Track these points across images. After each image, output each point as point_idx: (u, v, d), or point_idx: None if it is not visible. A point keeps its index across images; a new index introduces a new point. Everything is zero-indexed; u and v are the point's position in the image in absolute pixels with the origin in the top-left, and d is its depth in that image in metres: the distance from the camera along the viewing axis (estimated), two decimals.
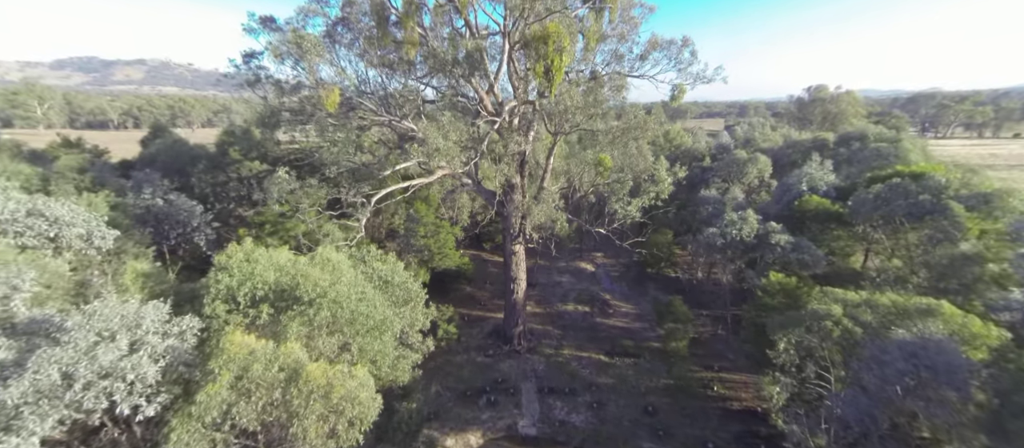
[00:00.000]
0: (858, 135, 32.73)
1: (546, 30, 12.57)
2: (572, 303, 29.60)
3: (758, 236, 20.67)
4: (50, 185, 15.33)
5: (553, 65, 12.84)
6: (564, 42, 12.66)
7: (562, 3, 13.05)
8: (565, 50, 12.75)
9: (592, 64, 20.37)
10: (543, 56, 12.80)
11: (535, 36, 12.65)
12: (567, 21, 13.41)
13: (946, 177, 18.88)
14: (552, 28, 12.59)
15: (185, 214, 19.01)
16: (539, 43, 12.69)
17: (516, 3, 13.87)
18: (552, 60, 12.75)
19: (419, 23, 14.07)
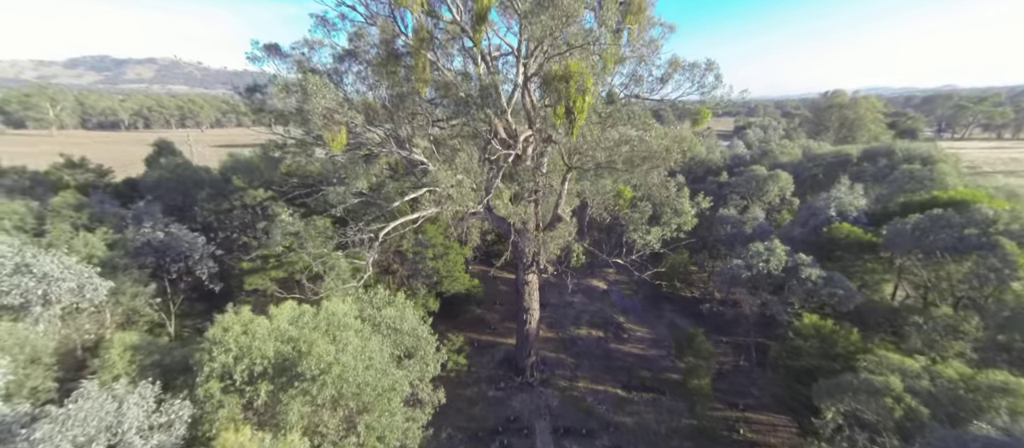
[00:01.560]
0: (884, 150, 31.25)
1: (568, 69, 11.54)
2: (585, 327, 28.56)
3: (786, 269, 19.47)
4: (45, 224, 14.63)
5: (575, 106, 11.82)
6: (587, 81, 11.63)
7: (585, 37, 11.99)
8: (588, 90, 11.70)
9: (609, 86, 19.33)
10: (564, 95, 11.77)
11: (555, 75, 11.62)
12: (589, 57, 12.38)
13: (994, 209, 17.52)
14: (574, 67, 11.55)
15: (186, 246, 18.28)
16: (559, 82, 11.67)
17: (535, 32, 12.82)
18: (574, 100, 11.72)
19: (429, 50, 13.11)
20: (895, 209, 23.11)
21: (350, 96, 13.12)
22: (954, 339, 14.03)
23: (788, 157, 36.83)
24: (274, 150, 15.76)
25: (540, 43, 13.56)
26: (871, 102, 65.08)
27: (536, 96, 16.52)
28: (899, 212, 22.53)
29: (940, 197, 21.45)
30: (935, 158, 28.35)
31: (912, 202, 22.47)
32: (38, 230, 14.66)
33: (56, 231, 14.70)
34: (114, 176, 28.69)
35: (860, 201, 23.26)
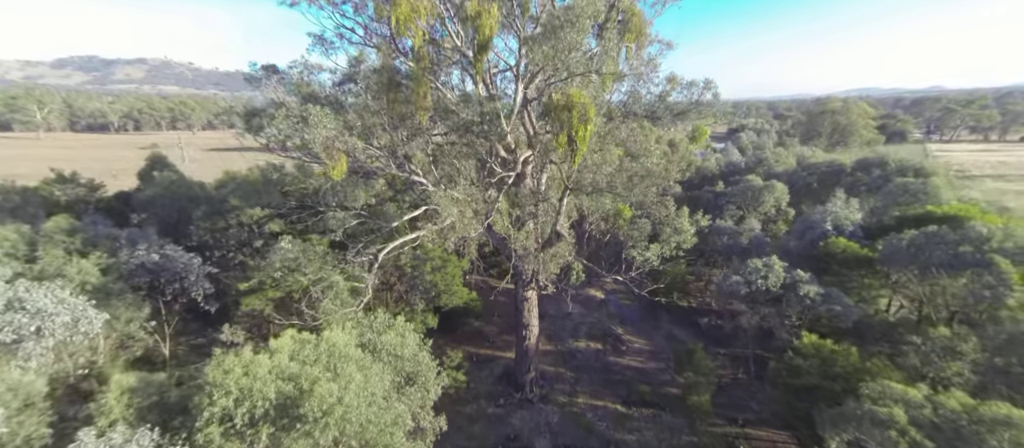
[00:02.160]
0: (877, 161, 31.60)
1: (570, 99, 11.50)
2: (583, 339, 28.55)
3: (784, 285, 19.59)
4: (38, 250, 14.31)
5: (577, 135, 11.78)
6: (589, 111, 11.59)
7: (586, 65, 11.96)
8: (590, 119, 11.67)
9: (607, 104, 19.35)
10: (566, 125, 11.73)
11: (557, 104, 11.57)
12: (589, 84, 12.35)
13: (987, 227, 17.75)
14: (576, 97, 11.52)
15: (181, 267, 17.99)
16: (562, 111, 11.62)
17: (536, 58, 12.77)
18: (576, 130, 11.68)
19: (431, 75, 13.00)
20: (890, 223, 23.38)
21: (350, 122, 12.99)
22: (952, 360, 14.17)
23: (783, 166, 37.11)
24: (273, 173, 15.55)
25: (541, 68, 13.52)
26: (862, 108, 65.93)
27: (535, 116, 16.47)
28: (894, 226, 22.79)
29: (934, 212, 21.72)
30: (928, 170, 28.71)
31: (907, 216, 22.75)
32: (30, 256, 14.34)
33: (48, 257, 14.38)
34: (106, 190, 28.21)
35: (856, 215, 23.48)
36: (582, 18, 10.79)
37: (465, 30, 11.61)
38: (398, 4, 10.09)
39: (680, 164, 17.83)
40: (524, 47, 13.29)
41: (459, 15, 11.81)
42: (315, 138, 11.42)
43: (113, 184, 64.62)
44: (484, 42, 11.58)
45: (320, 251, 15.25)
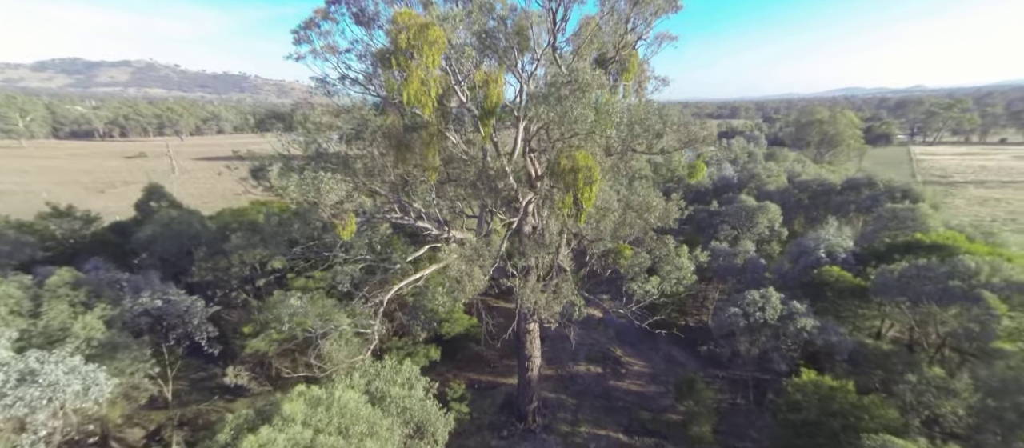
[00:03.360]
0: (866, 181, 32.46)
1: (576, 163, 11.79)
2: (583, 363, 28.90)
3: (781, 318, 20.10)
4: (42, 305, 14.22)
5: (582, 196, 12.07)
6: (594, 173, 11.89)
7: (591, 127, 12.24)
8: (595, 181, 11.97)
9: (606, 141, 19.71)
10: (571, 186, 12.02)
11: (564, 168, 11.85)
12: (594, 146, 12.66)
13: (975, 261, 18.41)
14: (582, 160, 11.81)
15: (184, 310, 17.93)
16: (568, 174, 11.90)
17: (540, 112, 13.05)
18: (582, 192, 11.97)
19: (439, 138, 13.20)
20: (881, 248, 24.09)
21: (359, 183, 13.13)
22: (946, 399, 14.71)
23: (775, 184, 37.87)
24: (276, 222, 15.62)
25: (545, 125, 13.79)
26: (849, 117, 67.42)
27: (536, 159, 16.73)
28: (884, 253, 23.50)
29: (923, 241, 22.43)
30: (915, 192, 29.57)
31: (896, 244, 23.45)
32: (34, 311, 14.24)
33: (53, 311, 14.29)
34: (101, 224, 27.83)
35: (847, 243, 24.14)
36: (588, 91, 11.09)
37: (473, 96, 11.82)
38: (410, 82, 10.28)
39: (678, 205, 18.19)
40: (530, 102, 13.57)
41: (467, 83, 12.03)
42: (326, 202, 11.56)
43: (100, 201, 63.59)
44: (491, 108, 11.81)
45: (329, 304, 15.32)
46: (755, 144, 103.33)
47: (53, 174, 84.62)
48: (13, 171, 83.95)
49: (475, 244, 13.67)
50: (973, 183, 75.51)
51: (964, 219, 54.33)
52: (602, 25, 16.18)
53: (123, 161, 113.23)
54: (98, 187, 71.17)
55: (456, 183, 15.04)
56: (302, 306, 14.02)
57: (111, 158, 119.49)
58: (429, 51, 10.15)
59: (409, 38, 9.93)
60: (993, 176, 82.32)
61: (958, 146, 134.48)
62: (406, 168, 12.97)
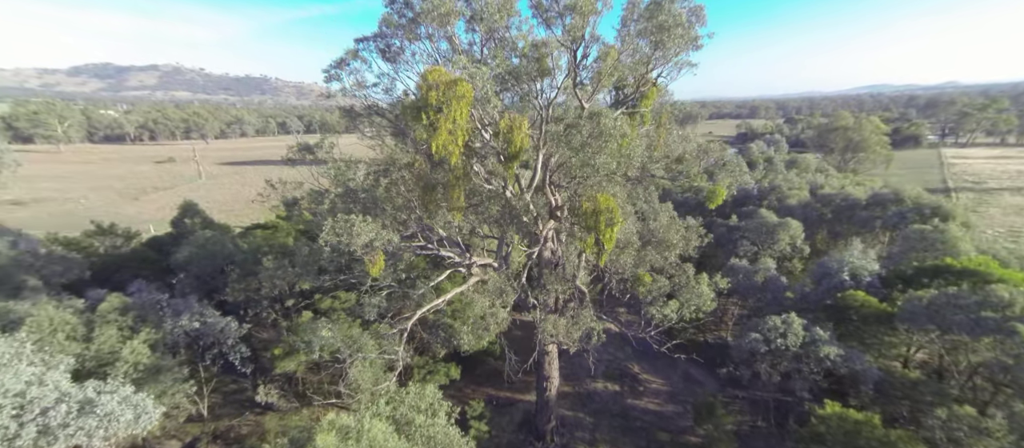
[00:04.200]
0: (892, 197, 31.62)
1: (598, 205, 12.06)
2: (601, 380, 29.02)
3: (804, 344, 19.90)
4: (94, 330, 15.27)
5: (604, 237, 12.32)
6: (615, 215, 12.13)
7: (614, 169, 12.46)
8: (617, 222, 12.21)
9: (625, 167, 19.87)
10: (594, 228, 12.29)
11: (586, 211, 12.13)
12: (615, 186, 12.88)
13: (1010, 291, 17.90)
14: (603, 203, 12.07)
15: (219, 331, 18.87)
16: (590, 217, 12.18)
17: (562, 154, 13.35)
18: (603, 233, 12.23)
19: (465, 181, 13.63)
20: (908, 271, 23.53)
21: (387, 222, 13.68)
22: (978, 438, 14.43)
23: (796, 198, 37.18)
24: (307, 252, 16.33)
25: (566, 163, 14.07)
26: (874, 123, 65.41)
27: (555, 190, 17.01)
28: (912, 277, 22.96)
29: (953, 266, 21.83)
30: (945, 210, 28.70)
31: (925, 267, 22.88)
32: (87, 336, 15.29)
33: (103, 336, 15.31)
34: (140, 240, 29.28)
35: (873, 266, 23.66)
36: (610, 141, 11.34)
37: (497, 141, 12.20)
38: (439, 134, 10.71)
39: (699, 232, 18.23)
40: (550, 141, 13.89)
41: (492, 128, 12.41)
42: (358, 244, 12.12)
43: (134, 207, 66.50)
44: (515, 152, 12.16)
45: (355, 331, 15.95)
46: (775, 148, 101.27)
47: (89, 180, 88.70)
48: (52, 177, 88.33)
49: (498, 280, 14.04)
50: (1009, 190, 72.34)
51: (999, 230, 52.32)
52: (622, 58, 16.41)
53: (153, 166, 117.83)
54: (131, 193, 74.37)
55: (480, 217, 15.45)
56: (332, 336, 14.66)
57: (142, 163, 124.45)
58: (457, 105, 10.57)
59: (439, 95, 10.36)
60: None
61: (993, 148, 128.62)
62: (432, 207, 13.44)
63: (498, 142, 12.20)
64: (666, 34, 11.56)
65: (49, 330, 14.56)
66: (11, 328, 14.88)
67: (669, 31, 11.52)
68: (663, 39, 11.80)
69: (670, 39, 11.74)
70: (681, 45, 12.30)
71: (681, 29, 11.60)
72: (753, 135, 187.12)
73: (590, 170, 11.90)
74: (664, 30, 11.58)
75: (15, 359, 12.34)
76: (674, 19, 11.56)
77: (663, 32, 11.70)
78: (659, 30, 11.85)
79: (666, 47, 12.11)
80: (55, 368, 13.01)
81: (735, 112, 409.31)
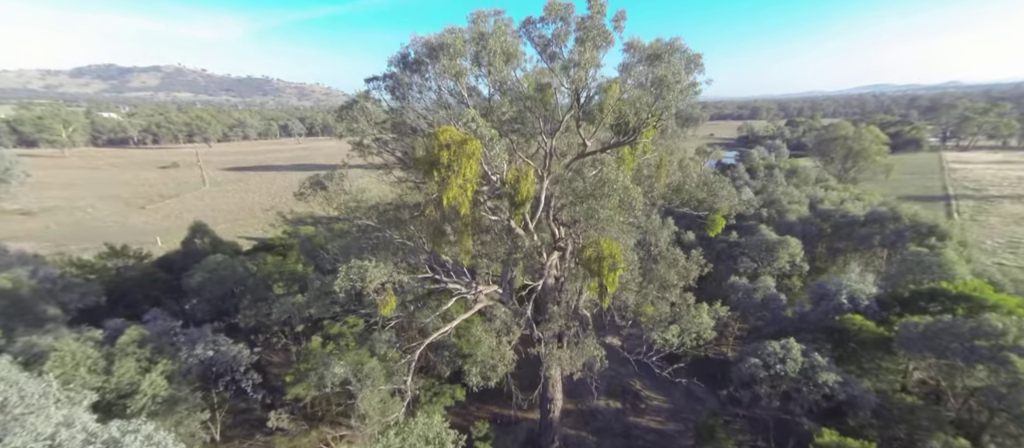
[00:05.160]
0: (890, 215, 32.06)
1: (600, 251, 12.56)
2: (603, 398, 29.48)
3: (802, 370, 20.36)
4: (114, 363, 15.83)
5: (607, 281, 12.82)
6: (618, 259, 12.63)
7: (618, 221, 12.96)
8: (619, 267, 12.71)
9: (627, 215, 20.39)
10: (597, 273, 12.79)
11: (590, 257, 12.63)
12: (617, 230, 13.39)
13: (1003, 321, 18.34)
14: (606, 249, 12.56)
15: (232, 358, 19.41)
16: (593, 262, 12.68)
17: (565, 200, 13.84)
18: (606, 277, 12.73)
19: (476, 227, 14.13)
20: (905, 294, 23.99)
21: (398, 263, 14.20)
22: None
23: (795, 213, 37.62)
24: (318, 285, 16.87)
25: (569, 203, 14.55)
26: (874, 133, 65.72)
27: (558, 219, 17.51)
28: (909, 300, 23.42)
29: (948, 290, 22.27)
30: (941, 229, 29.12)
31: (921, 291, 23.33)
32: (107, 369, 15.85)
33: (122, 368, 15.88)
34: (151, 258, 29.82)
35: (870, 289, 24.10)
36: (611, 197, 11.84)
37: (505, 189, 12.70)
38: (449, 188, 11.23)
39: (700, 262, 18.71)
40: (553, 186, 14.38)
41: (499, 178, 12.92)
42: (370, 288, 12.64)
43: (141, 216, 67.18)
44: (522, 200, 12.66)
45: (367, 363, 16.47)
46: (776, 154, 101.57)
47: (96, 187, 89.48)
48: (60, 185, 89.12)
49: (504, 316, 14.55)
50: (1010, 197, 72.52)
51: (999, 241, 52.57)
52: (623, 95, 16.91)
53: (158, 172, 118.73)
54: (138, 202, 75.07)
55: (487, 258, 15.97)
56: (343, 371, 15.18)
57: (147, 168, 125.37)
58: (467, 163, 11.09)
59: (450, 155, 10.88)
60: None
61: (995, 152, 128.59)
62: (442, 250, 13.95)
63: (506, 190, 12.69)
64: (666, 89, 12.04)
65: (72, 364, 15.12)
66: (35, 361, 15.47)
67: (669, 87, 12.00)
68: (662, 93, 12.29)
69: (669, 93, 12.22)
70: (679, 96, 12.78)
71: (680, 84, 12.08)
72: (755, 138, 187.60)
73: (594, 221, 12.41)
74: (664, 85, 12.06)
75: (44, 399, 12.89)
76: (673, 76, 12.05)
77: (663, 86, 12.18)
78: (659, 84, 12.34)
79: (665, 98, 12.59)
80: (79, 404, 13.56)
81: (737, 113, 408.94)
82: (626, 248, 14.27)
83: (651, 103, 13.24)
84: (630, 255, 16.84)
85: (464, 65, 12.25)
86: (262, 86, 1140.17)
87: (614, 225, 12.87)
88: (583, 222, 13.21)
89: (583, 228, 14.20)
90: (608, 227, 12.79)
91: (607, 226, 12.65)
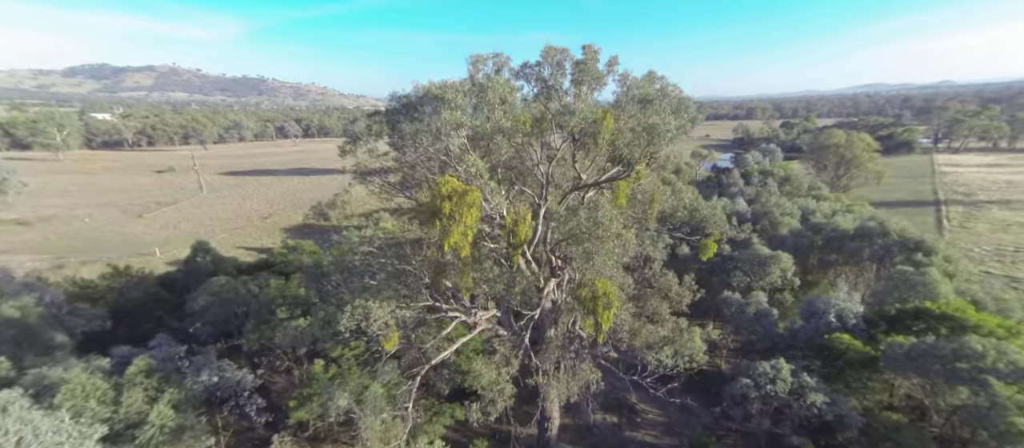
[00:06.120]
0: (878, 231, 32.85)
1: (595, 291, 13.10)
2: (600, 412, 30.07)
3: (792, 391, 21.04)
4: (123, 395, 16.25)
5: (602, 319, 13.37)
6: (612, 298, 13.18)
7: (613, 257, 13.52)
8: (614, 306, 13.27)
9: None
10: (592, 311, 13.35)
11: (585, 297, 13.18)
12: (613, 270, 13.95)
13: (982, 343, 19.07)
14: (601, 288, 13.11)
15: (236, 383, 19.86)
16: (589, 301, 13.24)
17: (564, 240, 14.36)
18: (601, 316, 13.29)
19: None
20: (891, 312, 24.75)
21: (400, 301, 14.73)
22: None
23: (787, 226, 38.40)
24: (322, 315, 17.36)
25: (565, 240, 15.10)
26: (865, 141, 66.82)
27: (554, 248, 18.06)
28: (895, 318, 24.19)
29: (932, 309, 23.02)
30: (928, 245, 29.93)
31: (907, 309, 24.09)
32: (116, 400, 16.27)
33: (131, 399, 16.31)
34: (152, 276, 30.12)
35: (858, 307, 24.84)
36: (606, 241, 12.40)
37: (503, 233, 13.23)
38: (451, 235, 11.75)
39: (692, 288, 19.31)
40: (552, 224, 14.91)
41: (499, 222, 13.45)
42: (375, 328, 13.15)
43: (139, 226, 67.17)
44: (519, 243, 13.20)
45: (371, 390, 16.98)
46: (770, 159, 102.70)
47: (92, 194, 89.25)
48: (56, 192, 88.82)
49: (504, 349, 15.10)
50: (998, 203, 73.77)
51: (986, 248, 53.65)
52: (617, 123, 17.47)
53: (154, 176, 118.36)
54: (135, 210, 74.98)
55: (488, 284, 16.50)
56: (348, 404, 15.68)
57: (142, 173, 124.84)
58: (468, 212, 11.62)
59: (452, 206, 11.41)
60: (1020, 193, 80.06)
61: (986, 154, 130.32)
62: (443, 286, 14.47)
63: (504, 233, 13.22)
64: (657, 137, 12.60)
65: (82, 396, 15.53)
66: (46, 394, 15.85)
67: (660, 134, 12.56)
68: (653, 139, 12.85)
69: (660, 139, 12.78)
70: (669, 142, 13.35)
71: (670, 132, 12.65)
72: (750, 140, 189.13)
73: (589, 264, 12.96)
74: (655, 133, 12.62)
75: (57, 435, 13.33)
76: (664, 124, 12.61)
77: (654, 134, 12.74)
78: (650, 131, 12.90)
79: (656, 143, 13.15)
80: (90, 438, 14.03)
81: (732, 113, 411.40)
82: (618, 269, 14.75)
83: (644, 145, 13.80)
84: (624, 279, 17.40)
85: (464, 117, 12.76)
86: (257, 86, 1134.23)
87: (609, 267, 13.42)
88: (579, 261, 13.77)
89: (579, 265, 14.75)
90: (603, 269, 13.34)
91: (602, 268, 13.20)
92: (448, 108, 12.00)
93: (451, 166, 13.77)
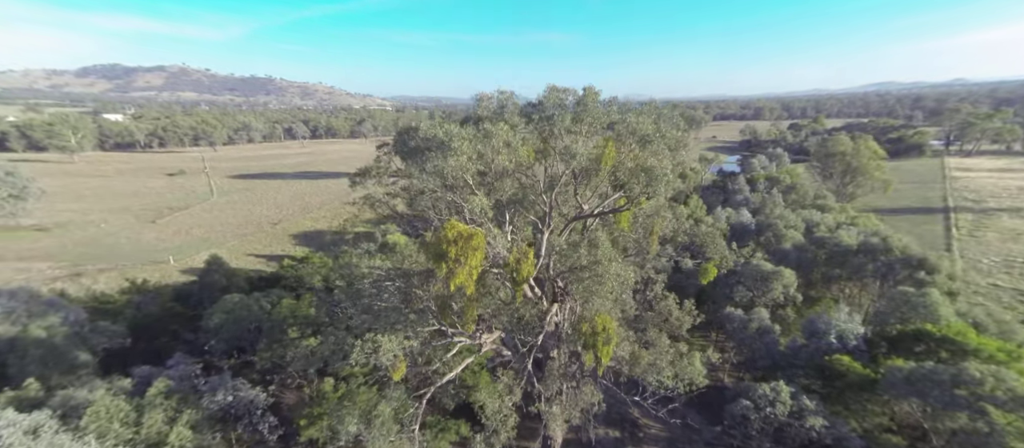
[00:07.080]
0: (881, 247, 32.91)
1: (595, 326, 13.61)
2: (602, 426, 30.56)
3: (791, 413, 21.36)
4: (143, 416, 17.06)
5: (602, 353, 13.88)
6: (611, 332, 13.67)
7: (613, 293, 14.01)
8: (613, 340, 13.76)
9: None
10: (592, 346, 13.86)
11: (586, 332, 13.69)
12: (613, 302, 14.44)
13: (981, 371, 19.27)
14: (601, 323, 13.61)
15: (249, 401, 20.63)
16: (589, 336, 13.74)
17: (563, 275, 14.85)
18: (601, 350, 13.79)
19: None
20: (892, 333, 24.94)
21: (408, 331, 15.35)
22: None
23: (791, 240, 38.52)
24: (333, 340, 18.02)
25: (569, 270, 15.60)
26: (872, 148, 66.23)
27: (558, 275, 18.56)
28: (895, 339, 24.39)
29: (932, 332, 23.19)
30: (930, 263, 29.98)
31: (907, 331, 24.26)
32: (137, 421, 17.09)
33: (151, 420, 17.12)
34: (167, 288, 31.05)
35: (859, 328, 25.05)
36: (606, 281, 12.90)
37: (506, 270, 13.77)
38: (456, 275, 12.32)
39: (692, 312, 19.71)
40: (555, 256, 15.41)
41: (502, 261, 14.00)
42: (384, 361, 13.77)
43: (153, 232, 68.64)
44: (521, 280, 13.74)
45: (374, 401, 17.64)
46: (777, 163, 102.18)
47: (106, 198, 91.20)
48: (71, 197, 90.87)
49: (507, 379, 15.65)
50: (1008, 210, 72.86)
51: (995, 259, 53.15)
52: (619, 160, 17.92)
53: (166, 179, 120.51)
54: (148, 216, 76.55)
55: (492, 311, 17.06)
56: (355, 429, 16.35)
57: (154, 176, 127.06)
58: (473, 254, 12.18)
59: (457, 250, 11.97)
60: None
61: (998, 158, 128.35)
62: (448, 319, 15.05)
63: (508, 271, 13.76)
64: (656, 181, 13.06)
65: (106, 418, 16.35)
66: (72, 415, 16.69)
67: (657, 178, 13.02)
68: (651, 181, 13.31)
69: (658, 183, 13.24)
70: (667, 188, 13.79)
71: (667, 177, 13.10)
72: (757, 142, 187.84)
73: (589, 303, 13.46)
74: (653, 177, 13.08)
75: None
76: (661, 168, 13.06)
77: (652, 176, 13.20)
78: (648, 173, 13.36)
79: (654, 185, 13.61)
80: None
81: (739, 113, 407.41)
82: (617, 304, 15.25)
83: (644, 185, 14.26)
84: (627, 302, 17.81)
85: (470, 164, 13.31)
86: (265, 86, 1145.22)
87: (608, 304, 13.91)
88: (579, 296, 14.27)
89: (580, 299, 15.25)
90: (602, 307, 13.83)
91: (602, 306, 13.70)
92: (454, 155, 12.56)
93: (457, 202, 14.32)
